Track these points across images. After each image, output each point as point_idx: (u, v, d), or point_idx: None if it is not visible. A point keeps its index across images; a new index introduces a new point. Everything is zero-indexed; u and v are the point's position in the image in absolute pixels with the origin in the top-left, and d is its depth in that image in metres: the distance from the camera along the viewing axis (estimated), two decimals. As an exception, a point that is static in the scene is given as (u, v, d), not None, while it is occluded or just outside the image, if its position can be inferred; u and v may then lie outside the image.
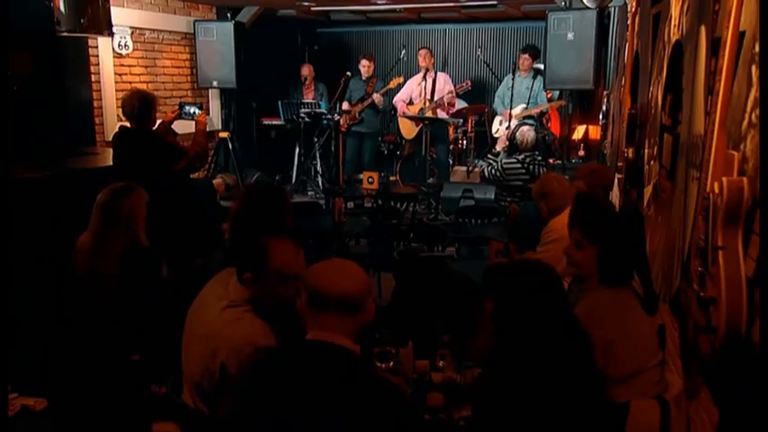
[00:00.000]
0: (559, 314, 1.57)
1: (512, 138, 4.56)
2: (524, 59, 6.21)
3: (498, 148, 5.66)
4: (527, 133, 4.42)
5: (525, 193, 4.01)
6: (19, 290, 2.92)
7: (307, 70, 7.08)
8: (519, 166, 4.41)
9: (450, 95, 6.46)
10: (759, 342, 1.36)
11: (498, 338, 1.59)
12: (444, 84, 6.59)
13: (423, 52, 6.58)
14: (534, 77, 6.14)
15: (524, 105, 6.10)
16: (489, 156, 6.07)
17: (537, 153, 4.54)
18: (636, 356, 1.81)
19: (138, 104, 3.53)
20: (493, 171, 4.64)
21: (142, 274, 2.59)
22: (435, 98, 6.46)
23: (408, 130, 6.69)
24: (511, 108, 6.11)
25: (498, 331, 1.59)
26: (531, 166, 4.44)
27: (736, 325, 1.44)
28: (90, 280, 2.58)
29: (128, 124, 3.67)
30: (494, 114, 6.62)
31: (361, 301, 1.57)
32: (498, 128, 6.38)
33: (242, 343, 1.74)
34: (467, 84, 6.51)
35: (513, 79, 6.15)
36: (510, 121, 6.10)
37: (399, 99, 6.79)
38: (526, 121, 5.98)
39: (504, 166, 4.53)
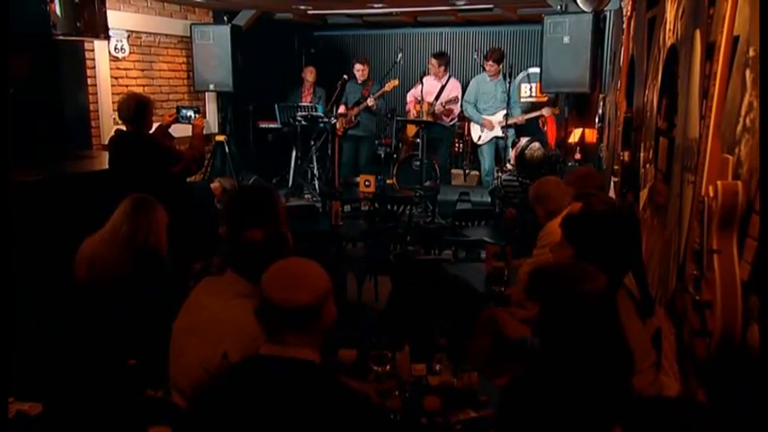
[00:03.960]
0: (607, 323, 1.51)
1: (520, 153, 4.59)
2: (489, 65, 6.23)
3: (510, 165, 5.69)
4: (536, 151, 4.48)
5: (521, 208, 4.02)
6: (15, 293, 2.90)
7: (310, 73, 7.07)
8: (517, 184, 4.44)
9: (441, 108, 6.47)
10: (759, 346, 1.36)
11: (541, 342, 1.54)
12: (451, 91, 6.59)
13: (432, 61, 6.58)
14: (505, 80, 6.13)
15: (504, 112, 6.11)
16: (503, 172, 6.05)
17: (543, 170, 4.53)
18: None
19: (134, 107, 3.53)
20: (497, 183, 4.71)
21: (150, 275, 2.60)
22: (439, 102, 6.48)
23: (413, 130, 6.73)
24: (491, 114, 6.13)
25: (542, 335, 1.54)
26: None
27: (732, 328, 1.44)
28: (95, 279, 2.58)
29: (124, 127, 3.66)
30: (469, 120, 6.62)
31: (316, 312, 1.48)
32: (480, 135, 6.39)
33: (254, 331, 1.77)
34: (455, 99, 6.53)
35: (508, 83, 6.13)
36: (495, 128, 6.12)
37: (411, 95, 6.81)
38: (509, 139, 5.99)
39: (504, 183, 4.58)
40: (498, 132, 6.21)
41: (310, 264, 1.55)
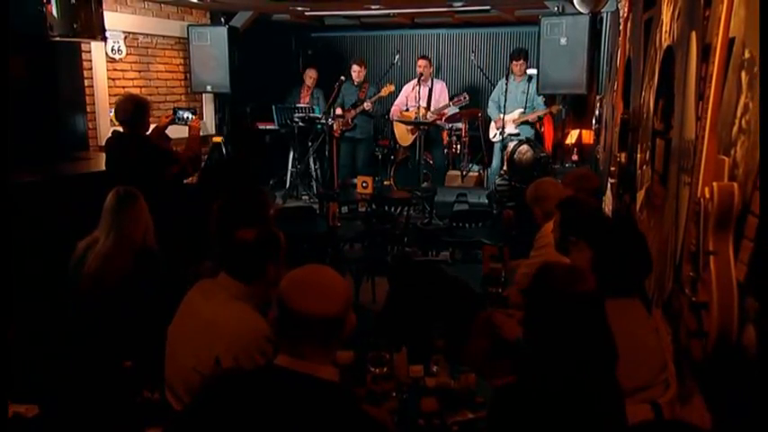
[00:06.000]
0: (595, 326, 1.49)
1: (510, 156, 4.63)
2: (520, 65, 6.22)
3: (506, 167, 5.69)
4: (525, 153, 4.50)
5: (518, 210, 4.03)
6: (12, 295, 2.89)
7: (312, 74, 7.05)
8: (507, 188, 4.48)
9: (442, 108, 6.47)
10: (755, 346, 1.36)
11: (529, 344, 1.52)
12: (440, 94, 6.58)
13: (422, 62, 6.57)
14: (529, 81, 6.16)
15: (522, 110, 6.12)
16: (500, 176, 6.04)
17: (534, 173, 4.54)
18: (643, 371, 1.76)
19: (132, 109, 3.52)
20: (492, 187, 4.75)
21: (149, 274, 2.60)
22: (431, 108, 6.47)
23: (404, 137, 6.69)
24: (504, 113, 6.12)
25: (530, 337, 1.52)
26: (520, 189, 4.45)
27: (728, 329, 1.44)
28: (99, 278, 2.58)
29: (121, 129, 3.65)
30: (488, 119, 6.62)
31: (341, 322, 1.40)
32: (495, 132, 6.39)
33: (247, 335, 1.77)
34: (464, 97, 6.49)
35: (506, 83, 6.16)
36: (504, 126, 6.11)
37: (396, 106, 6.80)
38: (522, 136, 5.97)
39: (498, 186, 4.61)
40: (512, 130, 6.18)
41: (331, 272, 1.46)
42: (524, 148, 4.59)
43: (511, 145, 5.42)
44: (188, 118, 3.95)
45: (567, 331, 1.45)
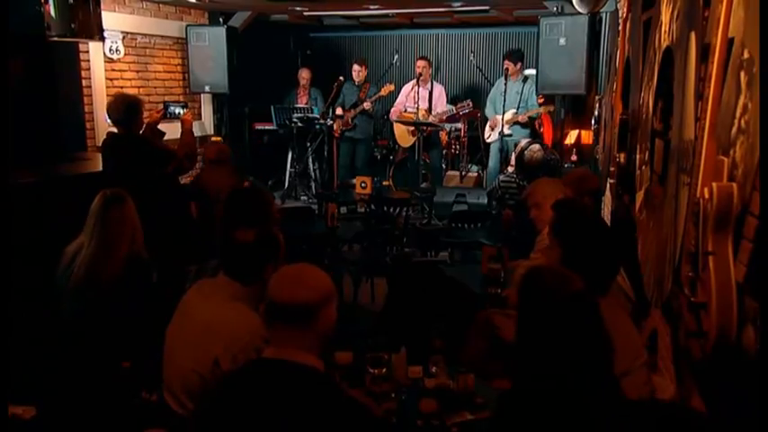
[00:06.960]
0: (589, 324, 1.48)
1: (520, 154, 4.61)
2: (507, 65, 6.22)
3: (511, 167, 5.66)
4: (536, 152, 4.47)
5: (518, 210, 4.01)
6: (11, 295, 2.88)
7: (306, 74, 7.07)
8: (514, 185, 4.45)
9: (443, 113, 6.48)
10: (754, 347, 1.36)
11: (522, 347, 1.52)
12: (439, 97, 6.58)
13: (421, 63, 6.55)
14: (524, 82, 6.16)
15: (514, 110, 6.11)
16: (503, 173, 6.00)
17: (540, 173, 4.52)
18: (622, 358, 1.78)
19: (124, 109, 3.52)
20: (495, 184, 4.72)
21: (139, 280, 2.59)
22: (432, 111, 6.47)
23: (404, 138, 6.68)
24: (503, 113, 6.12)
25: (524, 341, 1.52)
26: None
27: (727, 329, 1.44)
28: (87, 285, 2.56)
29: (116, 130, 3.65)
30: (485, 119, 6.62)
31: (313, 311, 1.49)
32: (490, 133, 6.39)
33: (245, 336, 1.77)
34: (468, 104, 6.48)
35: (504, 84, 6.16)
36: (503, 126, 6.11)
37: (396, 107, 6.79)
38: (515, 137, 5.97)
39: (501, 183, 4.59)
40: (505, 130, 6.18)
41: (314, 268, 1.58)
42: (536, 146, 4.57)
43: (523, 141, 5.39)
44: (180, 113, 3.93)
45: (563, 332, 1.45)
